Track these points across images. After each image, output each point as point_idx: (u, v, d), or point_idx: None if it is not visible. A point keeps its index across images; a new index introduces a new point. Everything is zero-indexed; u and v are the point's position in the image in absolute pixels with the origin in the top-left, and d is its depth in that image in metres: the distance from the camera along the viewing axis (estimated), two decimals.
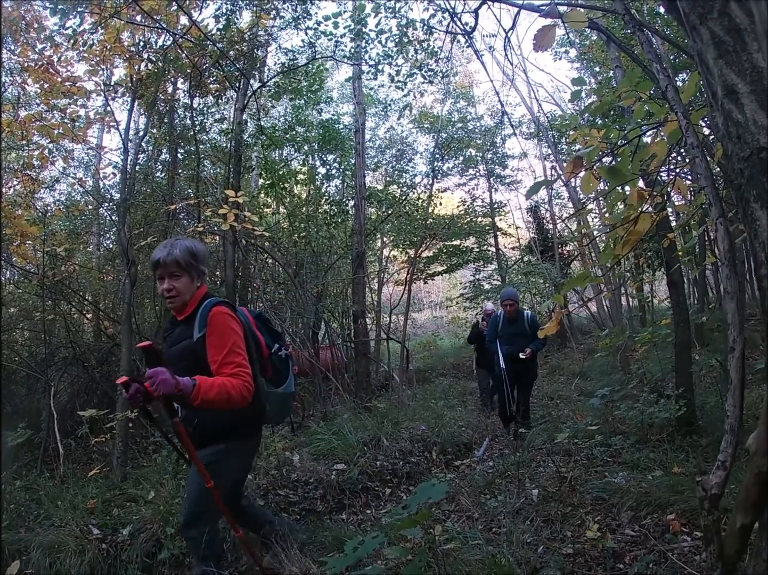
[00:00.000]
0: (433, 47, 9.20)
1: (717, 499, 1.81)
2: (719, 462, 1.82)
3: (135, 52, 8.11)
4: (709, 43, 1.58)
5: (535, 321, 7.38)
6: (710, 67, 1.59)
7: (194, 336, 2.92)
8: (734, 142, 1.55)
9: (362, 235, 11.56)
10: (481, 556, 2.91)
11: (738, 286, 1.79)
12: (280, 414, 3.55)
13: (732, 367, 1.80)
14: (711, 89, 1.62)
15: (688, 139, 1.98)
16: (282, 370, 3.41)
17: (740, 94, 1.50)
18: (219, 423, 2.98)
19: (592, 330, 16.45)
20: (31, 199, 10.60)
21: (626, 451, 4.86)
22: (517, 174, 20.26)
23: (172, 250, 2.97)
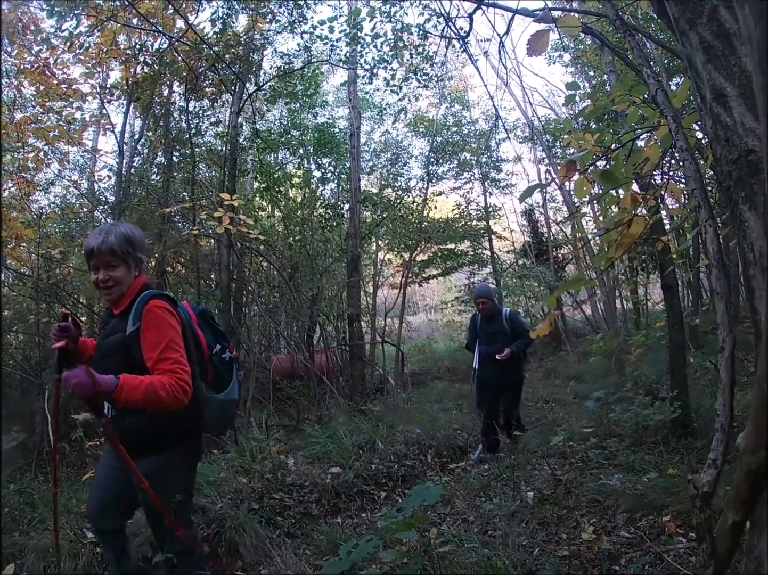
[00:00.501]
0: (428, 52, 9.23)
1: (708, 497, 1.81)
2: (710, 460, 1.83)
3: (131, 55, 8.12)
4: (698, 47, 1.59)
5: (516, 319, 6.80)
6: (699, 71, 1.61)
7: (127, 329, 2.65)
8: (723, 144, 1.57)
9: (357, 239, 11.57)
10: (477, 559, 2.92)
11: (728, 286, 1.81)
12: (221, 423, 3.25)
13: (722, 367, 1.81)
14: (700, 93, 1.64)
15: (678, 142, 2.00)
16: (224, 374, 3.12)
17: (729, 98, 1.52)
18: (151, 427, 2.67)
19: (587, 333, 16.45)
20: (26, 202, 10.59)
21: (621, 454, 4.87)
22: (512, 178, 20.30)
23: (107, 237, 2.69)
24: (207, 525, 4.05)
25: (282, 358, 10.93)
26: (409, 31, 8.59)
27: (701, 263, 9.06)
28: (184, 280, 9.95)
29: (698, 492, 1.83)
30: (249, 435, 5.56)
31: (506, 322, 6.60)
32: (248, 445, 5.32)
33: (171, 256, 8.81)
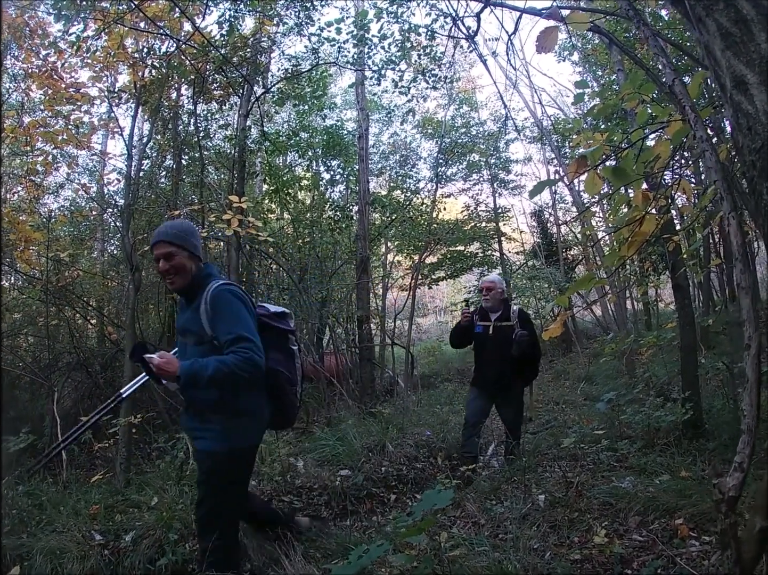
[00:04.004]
0: (436, 52, 9.21)
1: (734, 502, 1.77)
2: (736, 463, 1.78)
3: (138, 59, 8.13)
4: (716, 34, 1.56)
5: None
6: (718, 59, 1.57)
7: None
8: (745, 133, 1.53)
9: (366, 241, 11.55)
10: (488, 563, 2.88)
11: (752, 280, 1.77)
12: None
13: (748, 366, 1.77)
14: (719, 82, 1.60)
15: (697, 132, 1.96)
16: None
17: (749, 85, 1.48)
18: None
19: (597, 334, 16.38)
20: (35, 205, 10.64)
21: (633, 456, 4.82)
22: (521, 179, 20.27)
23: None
24: None
25: None
26: (417, 31, 8.57)
27: (712, 263, 9.01)
28: None
29: (723, 497, 1.79)
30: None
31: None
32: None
33: None
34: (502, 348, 5.58)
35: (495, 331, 5.70)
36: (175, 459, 5.01)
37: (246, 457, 3.27)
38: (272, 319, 3.41)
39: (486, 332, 5.75)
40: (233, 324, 2.99)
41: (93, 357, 9.08)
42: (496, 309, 5.82)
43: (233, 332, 2.95)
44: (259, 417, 3.25)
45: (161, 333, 8.94)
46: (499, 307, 5.82)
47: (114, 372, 8.84)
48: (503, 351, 5.56)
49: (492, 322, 5.76)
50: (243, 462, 3.25)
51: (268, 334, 3.26)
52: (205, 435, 3.14)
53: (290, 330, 3.53)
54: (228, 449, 3.08)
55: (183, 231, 3.15)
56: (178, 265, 3.11)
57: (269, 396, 3.28)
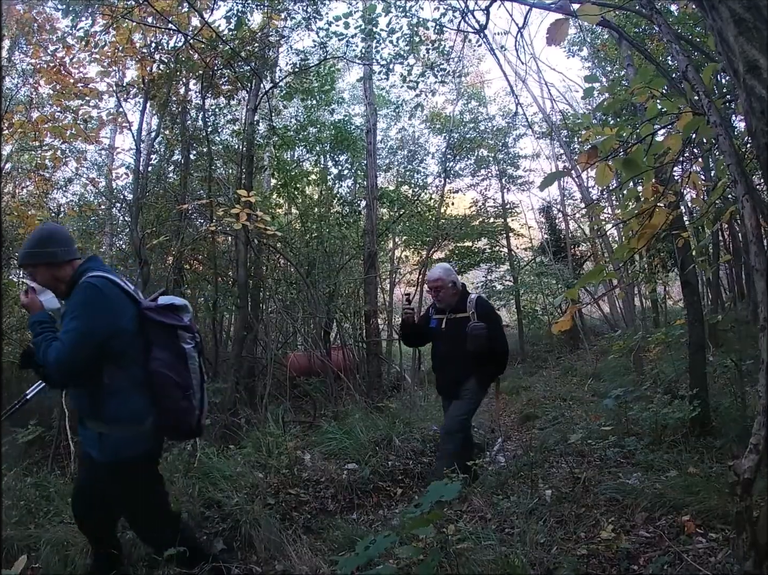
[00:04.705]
0: (444, 47, 9.19)
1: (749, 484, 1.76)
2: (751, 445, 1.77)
3: (147, 54, 8.14)
4: (729, 20, 1.55)
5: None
6: (731, 45, 1.57)
7: None
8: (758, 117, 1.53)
9: (374, 235, 11.56)
10: (494, 556, 2.88)
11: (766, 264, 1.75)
12: None
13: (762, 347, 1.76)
14: (732, 67, 1.60)
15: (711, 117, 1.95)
16: None
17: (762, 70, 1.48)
18: None
19: (605, 331, 16.35)
20: (44, 200, 10.68)
21: (640, 452, 4.81)
22: (530, 175, 20.21)
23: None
24: (222, 519, 4.07)
25: (299, 355, 10.97)
26: (425, 26, 8.55)
27: (722, 259, 8.97)
28: (202, 276, 9.99)
29: (739, 479, 1.78)
30: (266, 431, 5.55)
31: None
32: (264, 440, 5.32)
33: (188, 253, 8.83)
34: (456, 343, 4.88)
35: (448, 325, 5.04)
36: (182, 452, 5.03)
37: (133, 471, 2.92)
38: (157, 313, 3.01)
39: (439, 327, 5.10)
40: (71, 319, 2.77)
41: None
42: (454, 304, 5.09)
43: (65, 327, 2.75)
44: (140, 426, 2.88)
45: None
46: (456, 302, 5.09)
47: None
48: (458, 348, 4.85)
49: (446, 315, 5.09)
50: (130, 476, 2.91)
51: (152, 330, 2.96)
52: (86, 442, 2.98)
53: (180, 325, 3.08)
54: (107, 461, 2.86)
55: (33, 246, 2.91)
56: (44, 281, 2.94)
57: (153, 401, 2.92)
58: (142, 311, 2.96)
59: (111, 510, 3.08)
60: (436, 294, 5.10)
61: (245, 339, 8.45)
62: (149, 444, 2.99)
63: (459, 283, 5.22)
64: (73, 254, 2.98)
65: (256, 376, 8.79)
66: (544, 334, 18.13)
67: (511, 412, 9.16)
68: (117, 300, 2.88)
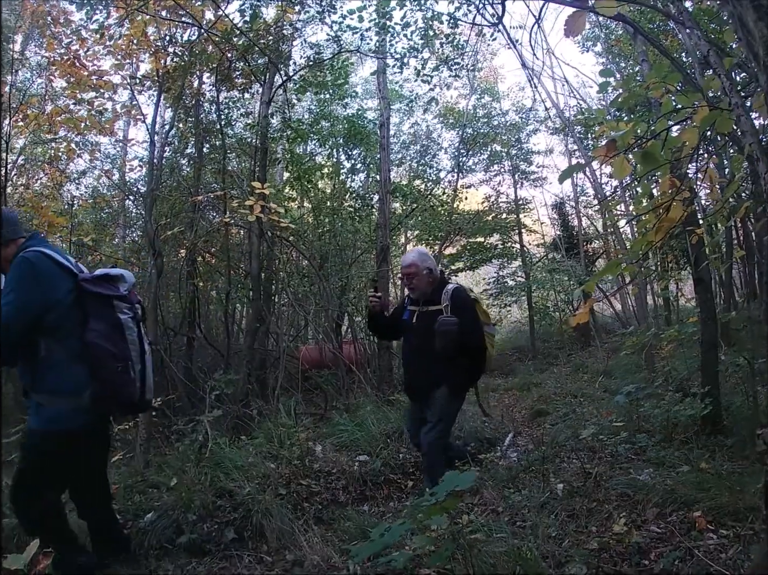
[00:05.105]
0: (459, 40, 9.17)
1: None
2: None
3: (161, 47, 8.17)
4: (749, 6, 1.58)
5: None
6: (751, 30, 1.59)
7: None
8: None
9: (387, 229, 11.55)
10: (506, 548, 2.90)
11: None
12: None
13: None
14: (752, 51, 1.62)
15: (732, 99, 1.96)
16: None
17: None
18: None
19: (617, 329, 16.28)
20: (59, 191, 10.76)
21: (651, 449, 4.81)
22: (542, 170, 20.13)
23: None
24: (234, 508, 4.10)
25: (310, 348, 10.99)
26: (440, 19, 8.53)
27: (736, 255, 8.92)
28: (215, 268, 10.04)
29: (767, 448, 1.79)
30: (278, 422, 5.58)
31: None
32: (276, 432, 5.35)
33: (201, 245, 8.88)
34: (427, 340, 4.28)
35: (419, 318, 4.49)
36: (194, 441, 5.06)
37: (61, 443, 2.91)
38: (92, 284, 2.99)
39: (411, 320, 4.56)
40: (6, 294, 2.75)
41: None
42: (429, 294, 4.52)
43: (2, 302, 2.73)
44: (77, 398, 2.88)
45: (182, 317, 9.02)
46: (431, 292, 4.52)
47: None
48: (428, 345, 4.25)
49: (419, 307, 4.54)
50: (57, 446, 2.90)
51: (89, 301, 2.95)
52: (28, 412, 2.96)
53: (115, 295, 3.06)
54: (41, 429, 2.89)
55: None
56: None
57: (92, 373, 2.90)
58: (79, 283, 2.94)
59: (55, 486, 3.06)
60: (408, 282, 4.56)
61: (258, 332, 8.48)
62: (88, 417, 2.96)
63: (436, 270, 4.63)
64: (17, 233, 3.00)
65: (268, 368, 8.82)
66: (555, 331, 18.10)
67: (521, 408, 9.16)
68: (50, 273, 2.88)
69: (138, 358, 3.10)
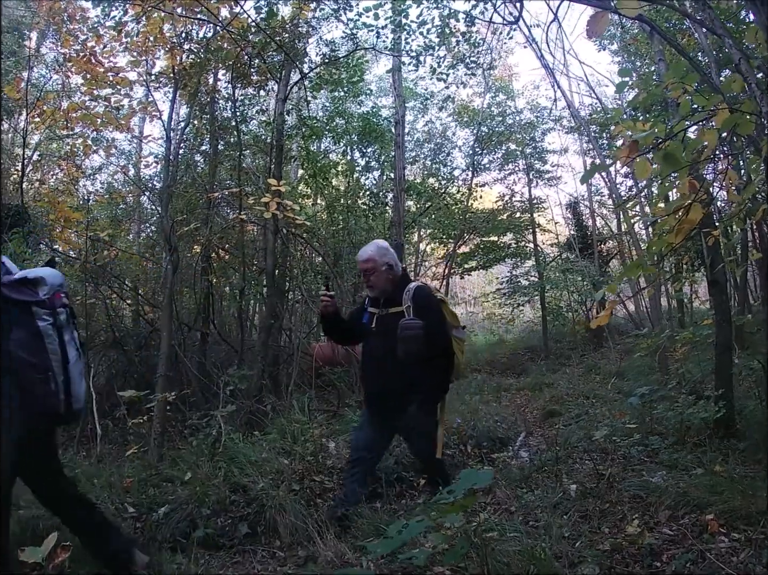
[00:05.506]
0: (475, 39, 9.17)
1: None
2: None
3: (176, 44, 8.20)
4: None
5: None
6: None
7: None
8: None
9: (401, 227, 11.54)
10: (520, 548, 2.90)
11: None
12: None
13: None
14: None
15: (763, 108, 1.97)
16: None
17: None
18: None
19: (629, 330, 16.22)
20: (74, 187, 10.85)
21: (663, 451, 4.81)
22: (557, 170, 20.05)
23: None
24: (248, 503, 4.12)
25: (323, 345, 11.00)
26: (456, 17, 8.52)
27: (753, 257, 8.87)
28: (229, 265, 10.09)
29: None
30: (291, 418, 5.60)
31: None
32: (290, 428, 5.37)
33: (216, 242, 8.93)
34: (388, 346, 3.85)
35: (379, 322, 4.06)
36: (208, 436, 5.10)
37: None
38: (11, 289, 2.76)
39: (370, 323, 4.13)
40: None
41: (128, 335, 9.26)
42: (390, 293, 4.10)
43: None
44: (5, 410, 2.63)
45: (196, 313, 9.06)
46: (392, 291, 4.09)
47: (149, 350, 9.00)
48: (390, 352, 3.82)
49: (379, 309, 4.10)
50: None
51: (11, 308, 2.73)
52: None
53: (33, 301, 2.82)
54: None
55: None
56: None
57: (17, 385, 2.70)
58: None
59: None
60: (366, 279, 4.13)
61: (271, 328, 8.51)
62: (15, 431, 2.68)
63: (398, 266, 4.19)
64: None
65: (281, 365, 8.86)
66: (568, 331, 18.05)
67: (533, 408, 9.15)
68: None
69: (60, 368, 2.85)
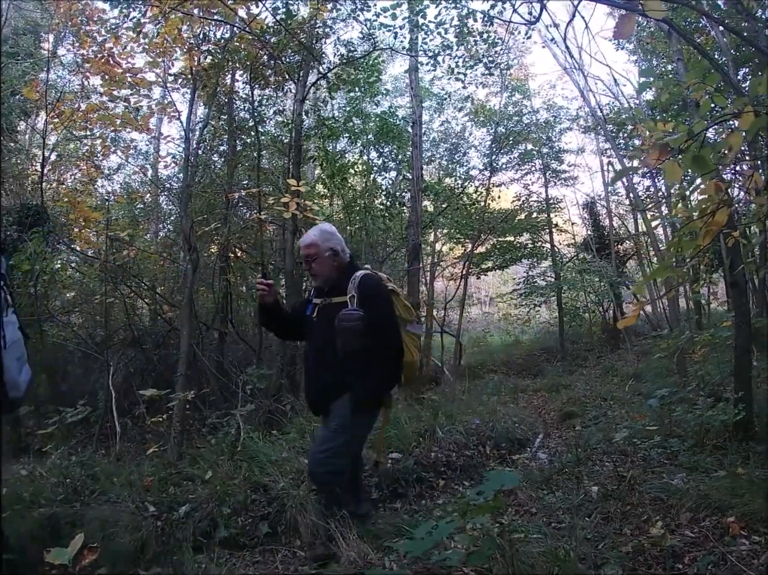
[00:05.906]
0: (493, 39, 9.16)
1: None
2: None
3: (194, 45, 8.25)
4: None
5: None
6: None
7: None
8: None
9: (419, 227, 11.53)
10: (544, 549, 2.91)
11: None
12: None
13: None
14: None
15: None
16: None
17: None
18: None
19: (647, 332, 16.12)
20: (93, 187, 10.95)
21: (683, 454, 4.79)
22: (574, 169, 19.95)
23: None
24: (268, 503, 4.13)
25: None
26: (474, 17, 8.51)
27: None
28: (248, 264, 10.14)
29: None
30: (309, 417, 5.61)
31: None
32: (309, 427, 5.39)
33: (234, 241, 8.97)
34: (328, 339, 3.52)
35: (320, 313, 3.71)
36: (227, 435, 5.12)
37: None
38: None
39: (312, 314, 3.78)
40: None
41: (146, 334, 9.32)
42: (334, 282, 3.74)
43: None
44: None
45: (215, 312, 9.12)
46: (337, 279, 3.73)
47: (167, 349, 9.06)
48: (331, 345, 3.49)
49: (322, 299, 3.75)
50: None
51: None
52: None
53: None
54: None
55: None
56: None
57: None
58: None
59: None
60: (308, 266, 3.80)
61: None
62: None
63: (344, 253, 3.82)
64: None
65: (298, 364, 8.89)
66: (585, 332, 17.97)
67: (550, 410, 9.14)
68: None
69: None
